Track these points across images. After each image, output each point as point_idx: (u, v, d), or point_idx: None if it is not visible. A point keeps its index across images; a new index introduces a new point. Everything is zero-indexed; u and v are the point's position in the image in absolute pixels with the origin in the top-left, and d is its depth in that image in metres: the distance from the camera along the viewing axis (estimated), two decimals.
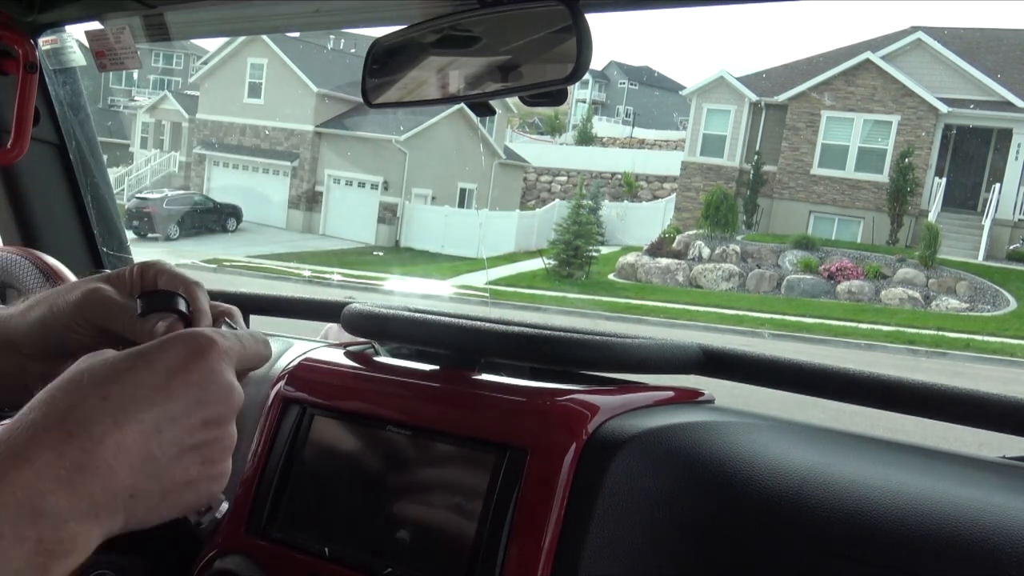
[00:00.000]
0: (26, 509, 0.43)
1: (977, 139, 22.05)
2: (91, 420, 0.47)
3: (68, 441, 0.46)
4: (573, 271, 20.03)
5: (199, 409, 0.52)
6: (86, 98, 1.74)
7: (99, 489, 0.46)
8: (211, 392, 0.52)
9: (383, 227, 25.42)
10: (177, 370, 0.51)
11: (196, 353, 0.52)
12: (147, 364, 0.51)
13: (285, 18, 1.49)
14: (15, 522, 0.43)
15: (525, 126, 41.16)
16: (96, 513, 0.46)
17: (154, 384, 0.50)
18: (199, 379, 0.52)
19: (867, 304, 17.55)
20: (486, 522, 0.85)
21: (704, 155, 24.38)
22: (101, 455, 0.46)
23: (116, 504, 0.47)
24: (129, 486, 0.48)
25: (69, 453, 0.45)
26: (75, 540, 0.45)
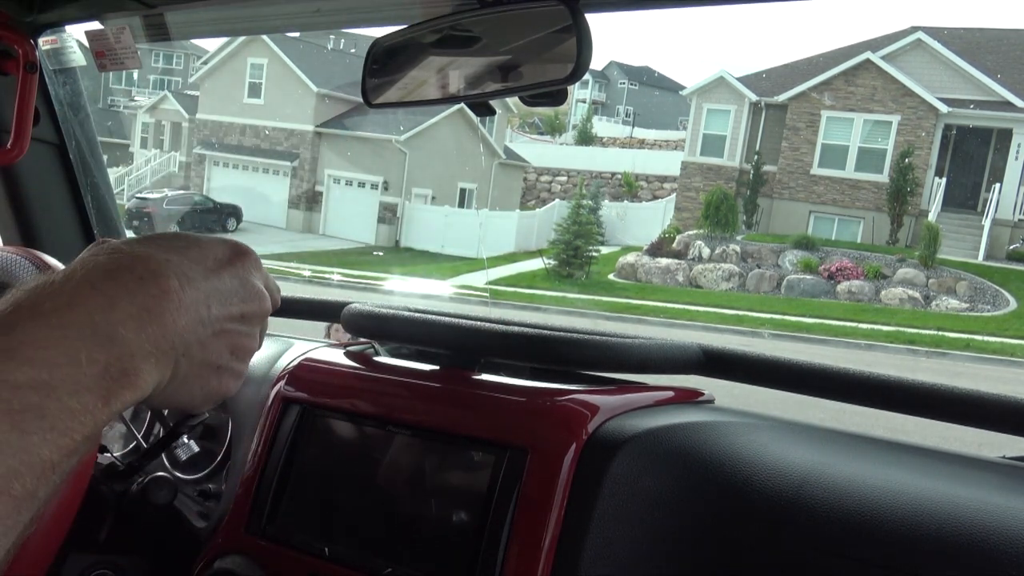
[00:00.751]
0: (101, 333, 0.46)
1: (977, 139, 22.05)
2: (159, 273, 0.50)
3: (140, 284, 0.49)
4: (573, 271, 20.03)
5: (239, 301, 0.57)
6: (86, 98, 1.74)
7: (160, 335, 0.49)
8: (249, 289, 0.58)
9: (383, 227, 25.42)
10: (225, 261, 0.56)
11: (240, 253, 0.58)
12: (199, 247, 0.55)
13: (285, 18, 1.49)
14: (90, 343, 0.45)
15: (525, 126, 41.16)
16: (156, 356, 0.49)
17: (207, 265, 0.55)
18: (242, 273, 0.57)
19: (867, 304, 17.54)
20: (486, 522, 0.85)
21: (704, 155, 24.37)
22: (166, 305, 0.50)
23: (171, 355, 0.51)
24: (183, 342, 0.51)
25: (140, 295, 0.48)
26: (138, 374, 0.48)
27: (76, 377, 0.44)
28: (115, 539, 1.06)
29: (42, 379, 0.42)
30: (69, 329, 0.45)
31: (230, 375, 0.58)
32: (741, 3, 0.93)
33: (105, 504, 1.07)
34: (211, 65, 29.07)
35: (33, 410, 0.42)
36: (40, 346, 0.43)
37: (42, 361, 0.43)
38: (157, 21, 1.42)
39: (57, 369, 0.43)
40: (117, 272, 0.48)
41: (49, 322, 0.44)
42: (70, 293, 0.46)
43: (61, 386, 0.43)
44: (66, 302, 0.46)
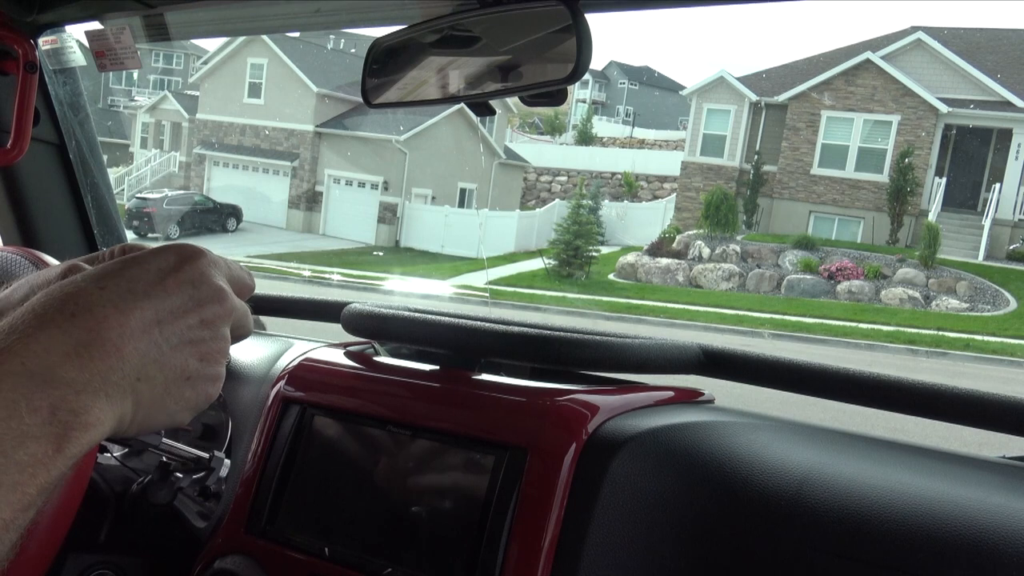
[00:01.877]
0: (37, 378, 0.44)
1: (977, 139, 22.05)
2: (92, 304, 0.48)
3: (72, 321, 0.47)
4: (573, 271, 20.03)
5: (195, 307, 0.53)
6: (86, 98, 1.74)
7: (106, 366, 0.47)
8: (204, 292, 0.54)
9: (383, 227, 25.42)
10: (169, 271, 0.53)
11: (186, 258, 0.54)
12: (139, 264, 0.53)
13: (285, 18, 1.49)
14: (27, 389, 0.43)
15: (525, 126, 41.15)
16: (106, 391, 0.47)
17: (148, 280, 0.52)
18: (192, 278, 0.54)
19: (867, 304, 17.54)
20: (486, 522, 0.85)
21: (704, 155, 24.37)
22: (106, 334, 0.47)
23: (125, 385, 0.48)
24: (136, 368, 0.49)
25: (74, 332, 0.46)
26: (88, 412, 0.45)
27: (19, 428, 0.42)
28: (115, 539, 1.06)
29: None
30: (3, 381, 0.43)
31: (205, 381, 0.55)
32: (741, 3, 0.93)
33: (105, 504, 1.07)
34: (211, 65, 29.07)
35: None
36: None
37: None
38: (157, 21, 1.42)
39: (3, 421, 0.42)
40: (47, 314, 0.46)
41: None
42: (0, 345, 0.45)
43: (4, 440, 0.41)
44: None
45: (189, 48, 42.96)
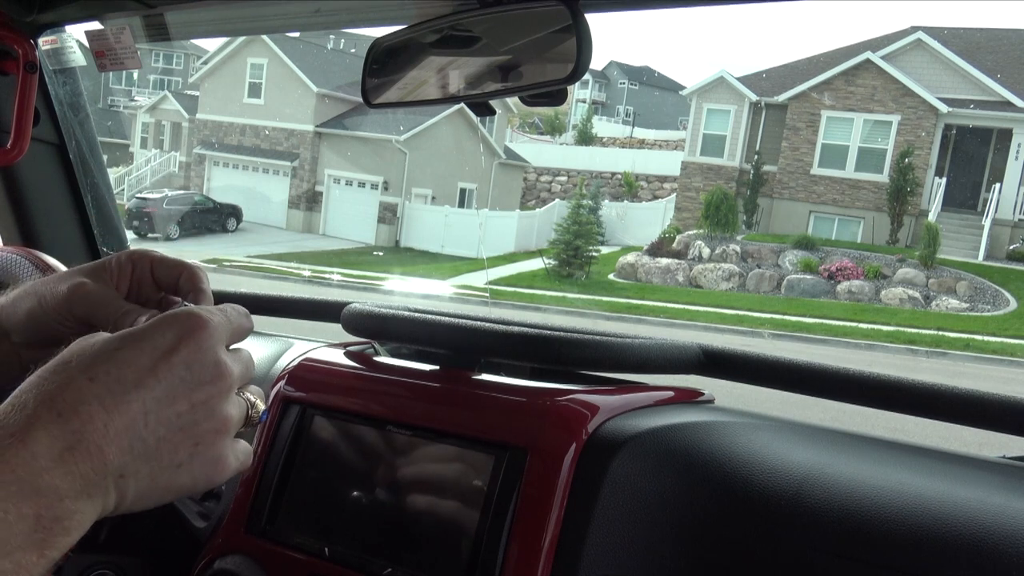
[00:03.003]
0: (25, 487, 0.44)
1: (977, 139, 22.05)
2: (79, 401, 0.47)
3: (58, 423, 0.46)
4: (573, 271, 20.03)
5: (188, 391, 0.51)
6: (86, 98, 1.74)
7: (89, 469, 0.47)
8: (199, 373, 0.52)
9: (383, 227, 25.43)
10: (166, 351, 0.51)
11: (186, 334, 0.52)
12: (135, 345, 0.51)
13: (285, 18, 1.49)
14: (16, 499, 0.43)
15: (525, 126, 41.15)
16: (88, 492, 0.47)
17: (142, 365, 0.50)
18: (188, 359, 0.51)
19: (867, 304, 17.55)
20: (486, 522, 0.85)
21: (704, 155, 24.37)
22: (90, 436, 0.47)
23: (107, 483, 0.48)
24: (118, 466, 0.48)
25: (60, 435, 0.46)
26: (72, 518, 0.46)
27: (6, 538, 0.43)
28: (115, 539, 1.06)
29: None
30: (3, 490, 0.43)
31: (202, 465, 0.52)
32: (741, 3, 0.93)
33: None
34: (211, 65, 29.07)
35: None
36: None
37: None
38: (157, 21, 1.42)
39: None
40: (37, 412, 0.46)
41: None
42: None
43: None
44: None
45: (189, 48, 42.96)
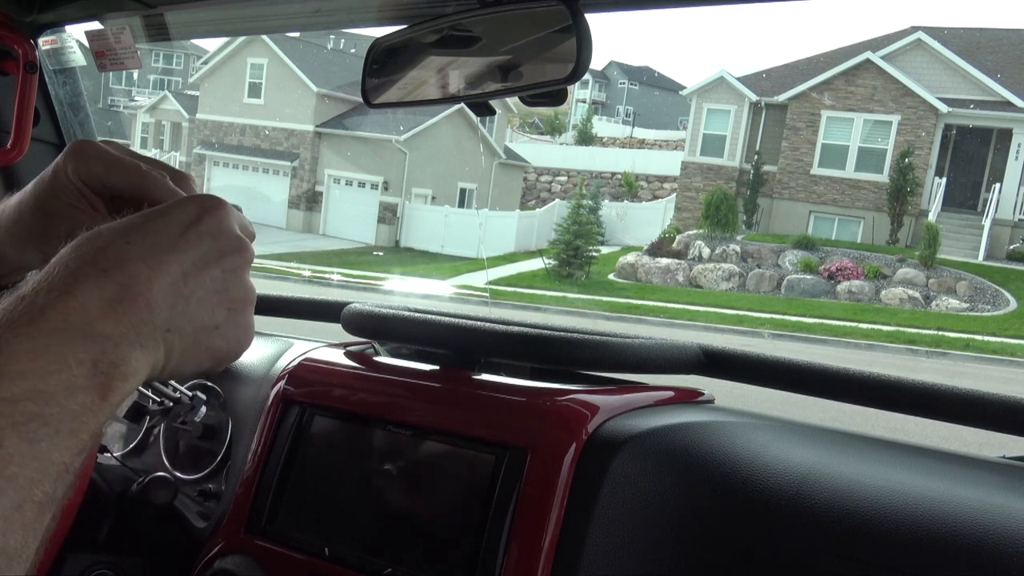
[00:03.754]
0: (79, 332, 0.47)
1: (977, 139, 22.06)
2: (122, 260, 0.50)
3: (105, 276, 0.49)
4: (573, 271, 20.03)
5: (217, 258, 0.55)
6: (86, 98, 1.74)
7: (139, 319, 0.50)
8: (224, 243, 0.56)
9: (383, 227, 25.42)
10: (191, 223, 0.54)
11: (206, 210, 0.56)
12: (161, 218, 0.54)
13: (285, 18, 1.49)
14: (73, 344, 0.46)
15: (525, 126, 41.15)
16: (140, 342, 0.50)
17: (171, 233, 0.53)
18: (212, 231, 0.55)
19: (867, 304, 17.55)
20: (486, 522, 0.85)
21: (704, 155, 24.37)
22: (137, 289, 0.50)
23: (156, 336, 0.51)
24: (166, 320, 0.51)
25: (108, 287, 0.49)
26: (127, 363, 0.48)
27: (69, 380, 0.45)
28: (115, 539, 1.06)
29: (38, 389, 0.44)
30: (51, 337, 0.46)
31: (235, 330, 0.57)
32: (741, 3, 0.93)
33: (105, 504, 1.07)
34: (211, 65, 29.07)
35: (37, 419, 0.43)
36: (27, 359, 0.45)
37: (33, 372, 0.44)
38: (157, 21, 1.42)
39: (50, 376, 0.45)
40: (80, 269, 0.49)
41: (30, 334, 0.45)
42: (42, 302, 0.47)
43: (57, 392, 0.45)
44: (40, 311, 0.46)
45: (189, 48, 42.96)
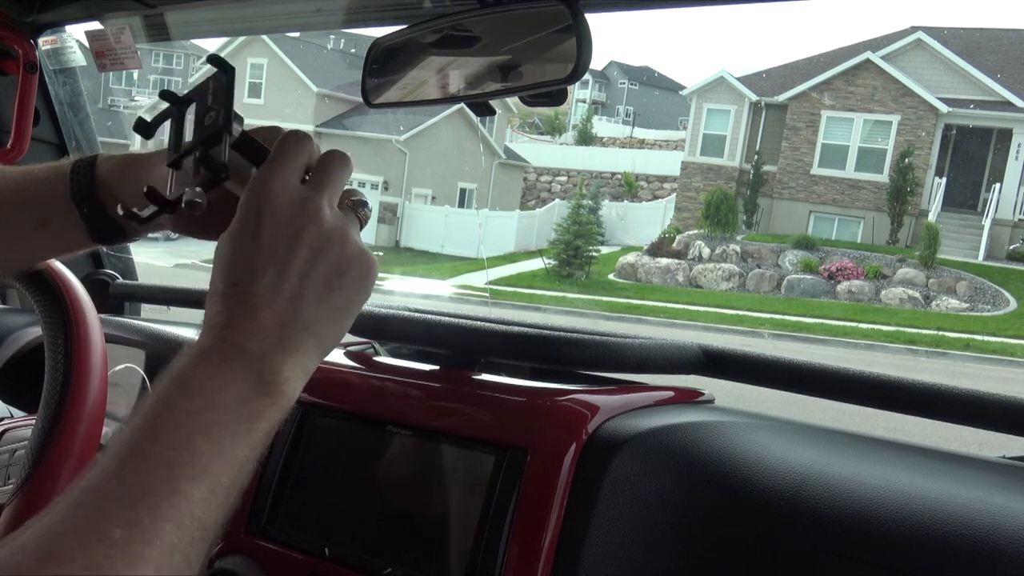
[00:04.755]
0: (236, 356, 0.56)
1: (977, 139, 22.05)
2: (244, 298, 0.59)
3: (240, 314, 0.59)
4: (573, 271, 20.03)
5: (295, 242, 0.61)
6: (86, 98, 1.74)
7: (275, 332, 0.58)
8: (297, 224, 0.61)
9: (383, 227, 25.41)
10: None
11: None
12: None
13: (285, 18, 1.49)
14: (232, 365, 0.56)
15: (525, 126, 41.14)
16: (284, 348, 0.59)
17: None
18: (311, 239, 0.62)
19: (867, 304, 17.54)
20: (486, 522, 0.85)
21: (704, 155, 24.36)
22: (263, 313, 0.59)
23: (299, 336, 0.60)
24: (298, 321, 0.60)
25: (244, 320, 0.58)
26: (280, 371, 0.58)
27: (238, 393, 0.55)
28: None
29: (215, 401, 0.54)
30: (219, 364, 0.56)
31: (354, 289, 0.63)
32: (741, 3, 0.93)
33: None
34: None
35: (217, 425, 0.53)
36: (205, 381, 0.55)
37: (210, 389, 0.55)
38: (157, 21, 1.42)
39: (224, 392, 0.55)
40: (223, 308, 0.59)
41: (207, 361, 0.56)
42: (204, 342, 0.57)
43: (230, 402, 0.54)
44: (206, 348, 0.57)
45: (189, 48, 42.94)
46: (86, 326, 0.90)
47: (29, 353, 1.29)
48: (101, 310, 1.00)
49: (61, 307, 0.90)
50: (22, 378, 1.26)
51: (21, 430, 1.11)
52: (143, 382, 1.28)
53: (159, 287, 1.65)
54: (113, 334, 1.29)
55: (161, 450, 0.50)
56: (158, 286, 1.65)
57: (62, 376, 0.87)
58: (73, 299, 0.91)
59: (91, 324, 0.91)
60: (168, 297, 1.65)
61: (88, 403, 0.87)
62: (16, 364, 1.28)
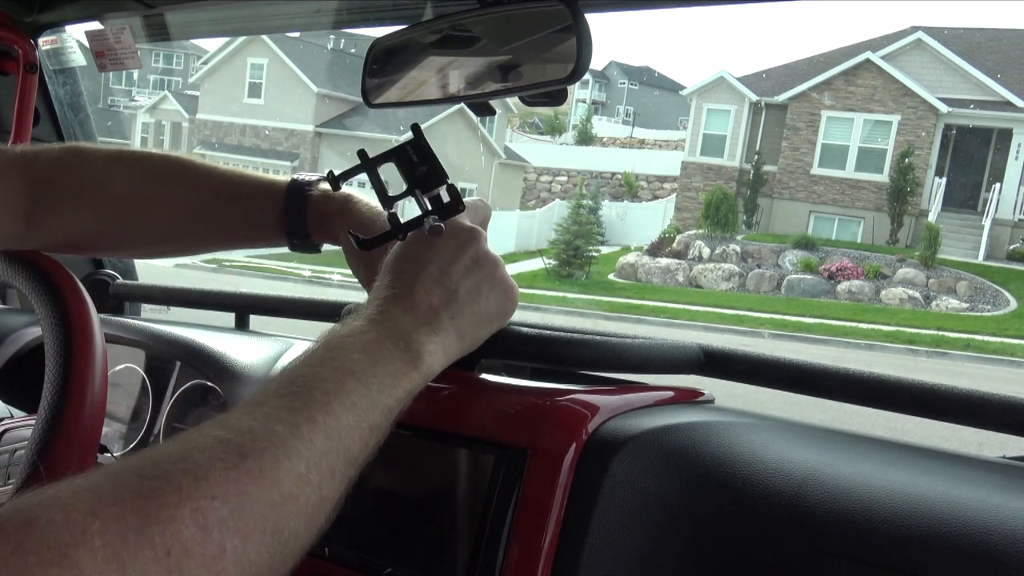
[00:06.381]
0: (390, 329, 0.69)
1: (977, 139, 22.06)
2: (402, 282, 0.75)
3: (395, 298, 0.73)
4: (573, 271, 20.04)
5: (459, 250, 0.76)
6: (86, 98, 1.74)
7: (425, 317, 0.72)
8: (462, 237, 0.77)
9: None
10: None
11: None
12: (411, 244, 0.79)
13: (285, 18, 1.49)
14: (389, 338, 0.69)
15: (525, 126, 41.14)
16: (433, 329, 0.72)
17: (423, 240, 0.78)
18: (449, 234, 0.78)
19: (867, 304, 17.55)
20: (486, 522, 0.85)
21: (704, 155, 24.37)
22: (417, 298, 0.73)
23: (446, 325, 0.74)
24: (447, 310, 0.74)
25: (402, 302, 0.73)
26: (425, 345, 0.70)
27: (389, 356, 0.67)
28: None
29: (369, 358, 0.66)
30: (377, 332, 0.69)
31: (499, 293, 0.79)
32: (741, 3, 0.93)
33: None
34: (211, 65, 29.08)
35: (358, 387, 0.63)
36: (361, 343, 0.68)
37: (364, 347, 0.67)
38: (157, 21, 1.42)
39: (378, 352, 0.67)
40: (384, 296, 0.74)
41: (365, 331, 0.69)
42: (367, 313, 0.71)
43: (380, 361, 0.66)
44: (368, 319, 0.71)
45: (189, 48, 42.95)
46: (86, 326, 0.90)
47: (29, 353, 1.29)
48: (101, 310, 1.00)
49: (61, 307, 0.90)
50: (22, 378, 1.26)
51: (21, 430, 1.11)
52: (143, 382, 1.28)
53: (159, 287, 1.65)
54: (113, 334, 1.29)
55: (319, 382, 0.61)
56: (158, 286, 1.65)
57: (62, 376, 0.87)
58: (73, 299, 0.91)
59: (91, 324, 0.91)
60: (168, 297, 1.64)
61: (88, 403, 0.87)
62: (16, 364, 1.29)
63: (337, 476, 0.59)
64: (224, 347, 1.23)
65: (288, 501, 0.53)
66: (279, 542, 0.52)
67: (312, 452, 0.56)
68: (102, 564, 0.42)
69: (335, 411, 0.59)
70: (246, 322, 1.54)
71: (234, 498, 0.49)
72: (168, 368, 1.25)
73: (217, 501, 0.48)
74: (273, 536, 0.52)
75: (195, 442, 0.52)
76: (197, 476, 0.49)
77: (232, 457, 0.51)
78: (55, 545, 0.41)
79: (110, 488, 0.46)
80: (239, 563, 0.49)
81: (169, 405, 1.23)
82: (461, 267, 0.75)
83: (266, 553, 0.51)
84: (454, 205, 0.81)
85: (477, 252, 0.77)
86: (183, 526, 0.46)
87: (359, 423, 0.62)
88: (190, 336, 1.27)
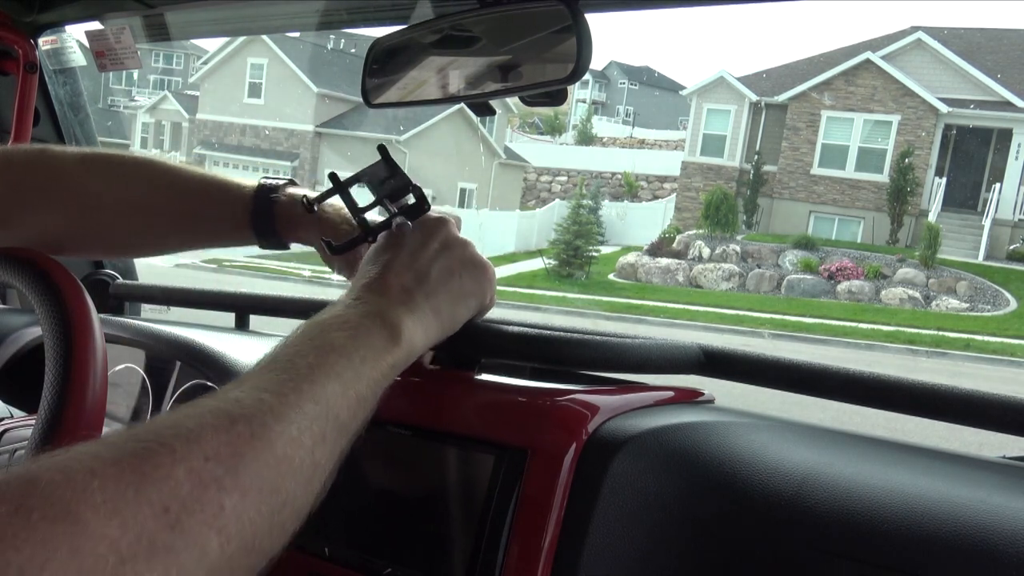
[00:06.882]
0: (369, 308, 0.72)
1: (977, 139, 22.05)
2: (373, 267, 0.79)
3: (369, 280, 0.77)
4: (573, 271, 20.03)
5: (428, 238, 0.80)
6: (86, 98, 1.74)
7: (398, 295, 0.75)
8: (430, 226, 0.82)
9: None
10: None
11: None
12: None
13: (285, 18, 1.49)
14: (370, 317, 0.71)
15: (525, 126, 41.14)
16: (409, 308, 0.74)
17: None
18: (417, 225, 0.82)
19: (867, 304, 17.55)
20: (486, 522, 0.85)
21: (704, 155, 24.37)
22: (388, 278, 0.77)
23: (422, 304, 0.76)
24: (421, 290, 0.77)
25: (373, 284, 0.77)
26: (402, 322, 0.73)
27: (369, 332, 0.69)
28: None
29: (350, 329, 0.68)
30: (356, 310, 0.72)
31: (473, 280, 0.82)
32: (741, 3, 0.93)
33: None
34: (211, 65, 29.07)
35: (342, 357, 0.65)
36: (342, 318, 0.71)
37: (346, 322, 0.70)
38: (157, 21, 1.42)
39: (358, 327, 0.69)
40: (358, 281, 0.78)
41: (343, 310, 0.72)
42: (347, 298, 0.75)
43: (359, 331, 0.69)
44: (344, 304, 0.74)
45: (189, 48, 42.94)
46: (86, 326, 0.90)
47: (29, 353, 1.29)
48: (101, 310, 1.00)
49: (61, 307, 0.90)
50: (22, 378, 1.26)
51: (21, 430, 1.11)
52: (143, 382, 1.28)
53: (159, 287, 1.64)
54: (113, 334, 1.29)
55: (300, 358, 0.63)
56: (158, 286, 1.65)
57: (62, 376, 0.87)
58: (73, 299, 0.91)
59: (91, 324, 0.91)
60: (168, 297, 1.64)
61: (88, 403, 0.87)
62: (16, 364, 1.29)
63: (328, 441, 0.61)
64: (224, 347, 1.23)
65: (282, 462, 0.55)
66: (278, 501, 0.55)
67: (301, 416, 0.58)
68: (104, 519, 0.43)
69: (319, 380, 0.61)
70: (246, 322, 1.54)
71: (227, 459, 0.51)
72: (168, 368, 1.25)
73: (211, 462, 0.50)
74: (271, 495, 0.54)
75: (186, 412, 0.54)
76: (189, 439, 0.50)
77: (223, 421, 0.53)
78: (58, 502, 0.42)
79: (107, 451, 0.47)
80: (239, 520, 0.50)
81: (169, 405, 1.23)
82: (430, 251, 0.79)
83: (265, 511, 0.53)
84: (420, 205, 0.84)
85: (446, 236, 0.81)
86: (179, 485, 0.47)
87: (345, 391, 0.63)
88: (190, 336, 1.27)
